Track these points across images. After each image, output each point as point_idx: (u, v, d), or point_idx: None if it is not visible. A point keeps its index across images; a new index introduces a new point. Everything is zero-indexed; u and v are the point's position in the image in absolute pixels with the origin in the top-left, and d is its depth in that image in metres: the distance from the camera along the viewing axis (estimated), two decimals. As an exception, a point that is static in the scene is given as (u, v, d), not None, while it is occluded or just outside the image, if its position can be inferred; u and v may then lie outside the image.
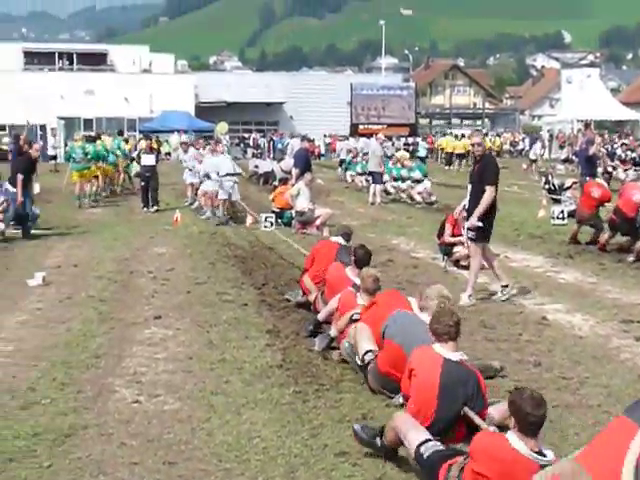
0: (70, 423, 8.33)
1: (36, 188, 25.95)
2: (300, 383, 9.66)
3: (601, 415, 8.63)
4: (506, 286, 14.34)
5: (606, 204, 22.00)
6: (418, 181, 33.81)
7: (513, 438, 6.40)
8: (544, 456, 6.25)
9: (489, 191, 13.90)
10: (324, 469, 7.18)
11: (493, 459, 6.60)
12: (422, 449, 7.28)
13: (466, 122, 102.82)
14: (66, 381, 9.74)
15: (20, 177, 21.00)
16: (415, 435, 7.57)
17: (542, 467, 6.02)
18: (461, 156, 58.18)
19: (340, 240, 14.20)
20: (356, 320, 10.86)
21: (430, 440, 7.40)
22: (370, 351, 9.67)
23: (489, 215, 14.30)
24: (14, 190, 21.27)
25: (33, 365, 10.43)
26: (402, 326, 9.72)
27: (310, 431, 8.10)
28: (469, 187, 14.39)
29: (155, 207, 28.65)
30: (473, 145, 15.64)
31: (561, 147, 58.79)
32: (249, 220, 25.34)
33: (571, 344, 11.57)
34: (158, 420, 8.51)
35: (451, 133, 72.90)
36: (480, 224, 13.81)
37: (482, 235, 13.94)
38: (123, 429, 8.24)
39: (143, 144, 32.61)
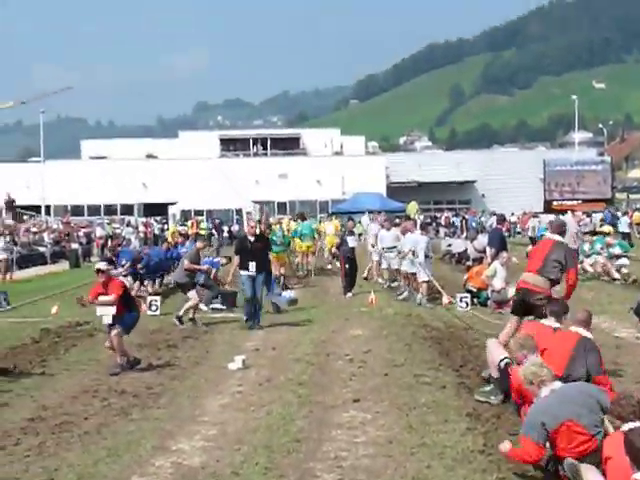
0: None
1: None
2: (503, 469, 9.36)
3: None
4: None
5: None
6: (617, 257, 33.02)
7: None
8: None
9: None
10: None
11: None
12: None
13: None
14: (268, 465, 9.76)
15: (237, 258, 20.91)
16: None
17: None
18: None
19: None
20: None
21: None
22: None
23: None
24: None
25: (236, 449, 10.49)
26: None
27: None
28: None
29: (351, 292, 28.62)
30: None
31: None
32: (444, 300, 25.16)
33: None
34: None
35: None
36: None
37: None
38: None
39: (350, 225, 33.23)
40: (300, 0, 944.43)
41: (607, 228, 43.25)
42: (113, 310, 14.98)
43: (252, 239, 19.79)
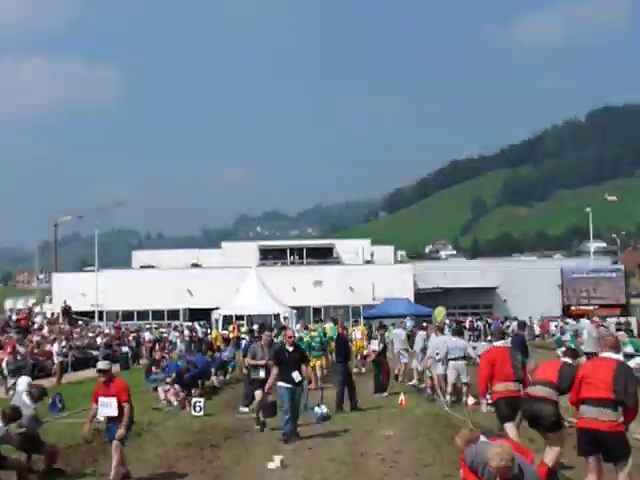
0: None
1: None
2: None
3: None
4: None
5: None
6: (630, 356, 32.71)
7: None
8: None
9: None
10: None
11: None
12: None
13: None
14: None
15: (275, 369, 19.33)
16: None
17: None
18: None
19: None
20: None
21: None
22: None
23: None
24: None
25: None
26: None
27: None
28: None
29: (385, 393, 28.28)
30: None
31: None
32: (470, 401, 24.86)
33: None
34: None
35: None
36: None
37: None
38: None
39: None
40: (331, 122, 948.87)
41: (621, 334, 43.05)
42: (114, 412, 14.64)
43: (290, 349, 19.01)
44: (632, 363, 32.30)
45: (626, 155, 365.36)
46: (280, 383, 18.27)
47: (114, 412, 14.32)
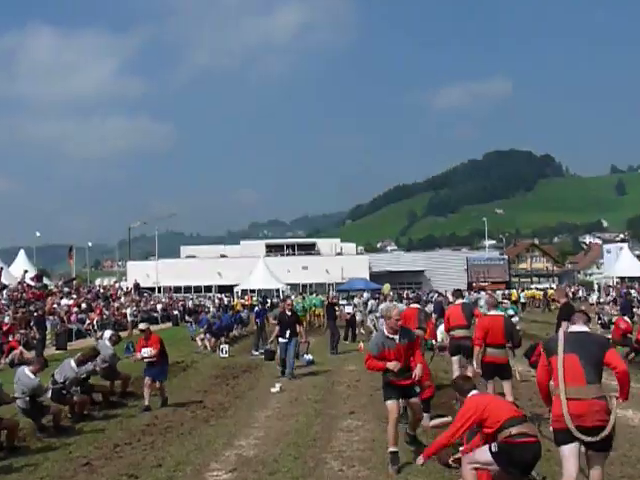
0: (300, 484, 8.24)
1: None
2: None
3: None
4: None
5: (629, 335, 20.85)
6: (511, 316, 32.74)
7: None
8: None
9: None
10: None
11: None
12: None
13: (542, 280, 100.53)
14: (297, 456, 9.69)
15: (277, 328, 18.44)
16: None
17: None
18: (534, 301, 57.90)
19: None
20: None
21: None
22: None
23: None
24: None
25: (276, 445, 10.42)
26: None
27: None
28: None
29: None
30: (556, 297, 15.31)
31: (607, 294, 56.20)
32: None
33: (627, 432, 10.64)
34: None
35: (534, 288, 71.81)
36: None
37: None
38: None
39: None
40: (315, 156, 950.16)
41: (514, 295, 43.37)
42: (152, 357, 14.12)
43: (289, 314, 18.08)
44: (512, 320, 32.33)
45: (509, 184, 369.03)
46: (280, 339, 17.63)
47: (152, 357, 14.03)
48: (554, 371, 6.58)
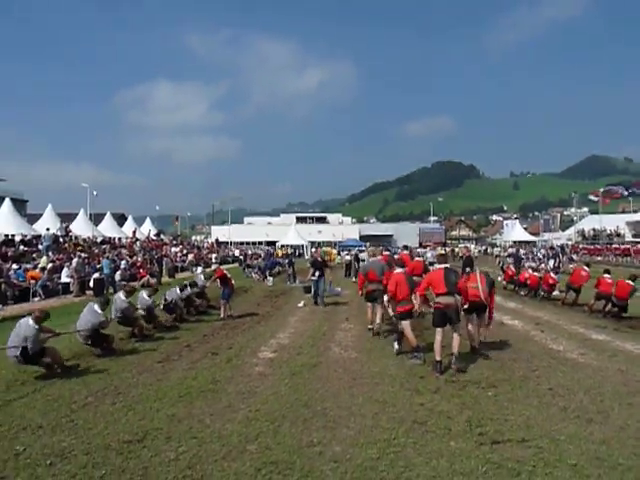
0: (315, 361, 8.30)
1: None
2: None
3: (533, 368, 8.09)
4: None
5: (514, 277, 19.87)
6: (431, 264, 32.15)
7: None
8: None
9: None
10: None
11: None
12: None
13: (466, 242, 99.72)
14: (312, 344, 9.71)
15: (311, 269, 15.82)
16: None
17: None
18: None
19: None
20: None
21: None
22: None
23: None
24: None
25: (300, 337, 10.43)
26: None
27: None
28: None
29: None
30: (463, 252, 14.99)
31: (505, 250, 55.72)
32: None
33: (504, 330, 10.56)
34: (349, 361, 8.33)
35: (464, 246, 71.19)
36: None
37: None
38: (334, 364, 8.12)
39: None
40: (329, 164, 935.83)
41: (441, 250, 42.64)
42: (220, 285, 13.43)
43: (319, 260, 16.02)
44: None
45: (447, 182, 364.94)
46: (312, 277, 15.68)
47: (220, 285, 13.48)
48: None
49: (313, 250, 21.06)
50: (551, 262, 30.82)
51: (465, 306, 8.70)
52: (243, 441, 5.22)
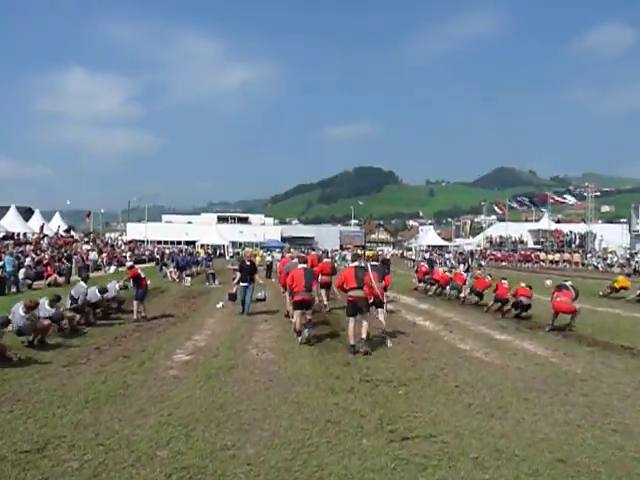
0: (232, 363, 8.21)
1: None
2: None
3: (442, 367, 8.48)
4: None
5: (426, 275, 21.17)
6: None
7: None
8: None
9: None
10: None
11: None
12: None
13: (384, 245, 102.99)
14: (230, 346, 9.62)
15: (238, 274, 14.24)
16: None
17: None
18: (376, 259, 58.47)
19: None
20: None
21: None
22: None
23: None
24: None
25: (218, 339, 10.33)
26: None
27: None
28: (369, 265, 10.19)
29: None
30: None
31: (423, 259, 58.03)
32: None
33: (416, 330, 11.06)
34: (266, 363, 8.35)
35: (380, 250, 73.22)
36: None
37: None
38: (251, 366, 8.08)
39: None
40: (252, 164, 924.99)
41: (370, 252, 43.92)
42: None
43: (248, 263, 13.99)
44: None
45: (367, 187, 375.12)
46: (241, 283, 13.89)
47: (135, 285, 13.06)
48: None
49: (242, 252, 20.64)
50: (461, 266, 32.60)
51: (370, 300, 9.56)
52: (154, 447, 5.02)
